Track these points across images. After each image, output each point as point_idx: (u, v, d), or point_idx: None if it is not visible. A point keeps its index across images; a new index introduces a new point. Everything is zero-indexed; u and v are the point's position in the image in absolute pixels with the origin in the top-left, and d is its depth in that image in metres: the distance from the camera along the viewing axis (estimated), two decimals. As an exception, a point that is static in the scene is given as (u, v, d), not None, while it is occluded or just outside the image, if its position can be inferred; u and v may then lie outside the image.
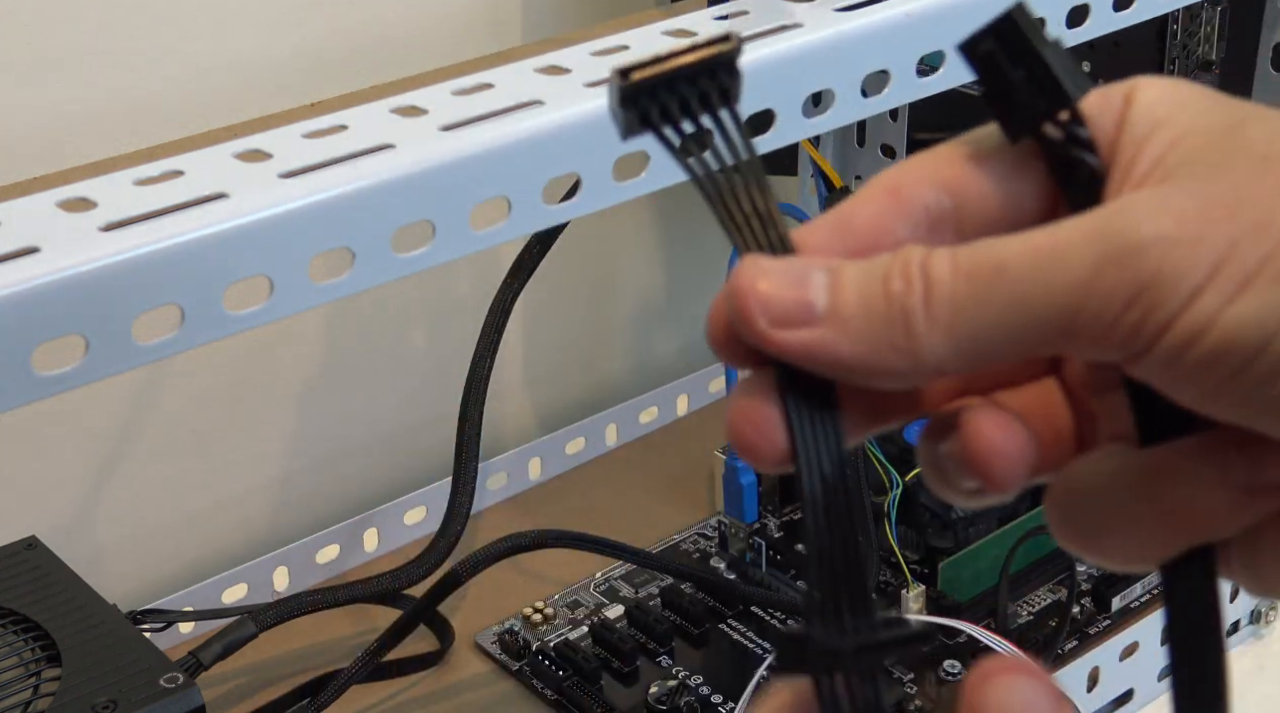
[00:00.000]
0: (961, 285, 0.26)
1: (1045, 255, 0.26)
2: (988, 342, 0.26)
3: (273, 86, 0.75)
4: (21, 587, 0.57)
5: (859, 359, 0.27)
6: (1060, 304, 0.26)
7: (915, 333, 0.26)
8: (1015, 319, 0.26)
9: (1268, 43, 0.71)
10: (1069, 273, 0.26)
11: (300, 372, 0.82)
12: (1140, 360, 0.26)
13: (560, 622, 0.74)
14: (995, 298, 0.26)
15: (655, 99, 0.27)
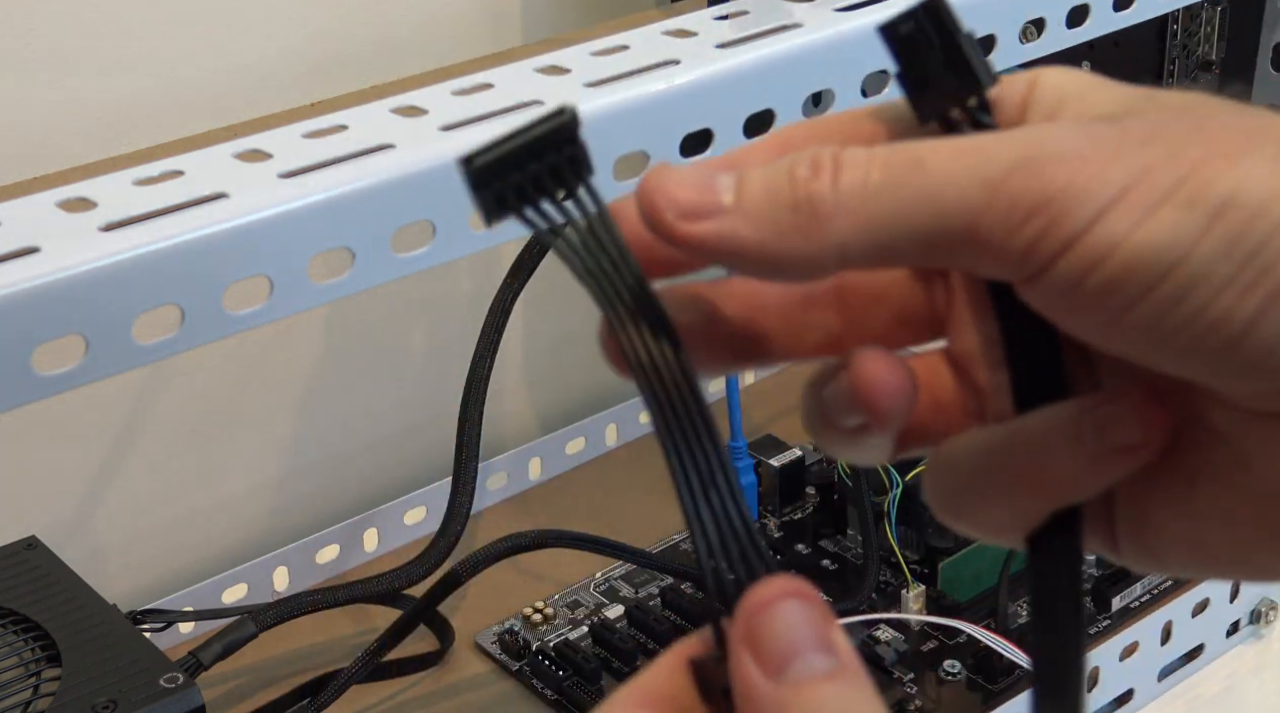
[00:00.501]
0: (876, 171, 0.27)
1: (963, 153, 0.26)
2: (894, 233, 0.26)
3: (273, 86, 0.75)
4: (21, 587, 0.57)
5: (764, 245, 0.27)
6: (969, 203, 0.26)
7: (821, 216, 0.27)
8: (924, 212, 0.26)
9: (1268, 43, 0.71)
10: (981, 171, 0.26)
11: (300, 372, 0.82)
12: (1039, 281, 0.26)
13: (560, 622, 0.74)
14: (908, 188, 0.26)
15: (507, 181, 0.28)
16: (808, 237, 0.27)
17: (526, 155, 0.28)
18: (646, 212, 0.27)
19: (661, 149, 0.46)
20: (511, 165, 0.28)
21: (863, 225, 0.26)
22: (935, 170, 0.26)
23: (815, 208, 0.27)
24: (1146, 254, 0.25)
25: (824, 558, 0.77)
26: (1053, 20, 0.55)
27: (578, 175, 0.28)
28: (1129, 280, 0.25)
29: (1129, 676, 0.70)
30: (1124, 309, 0.25)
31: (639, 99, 0.46)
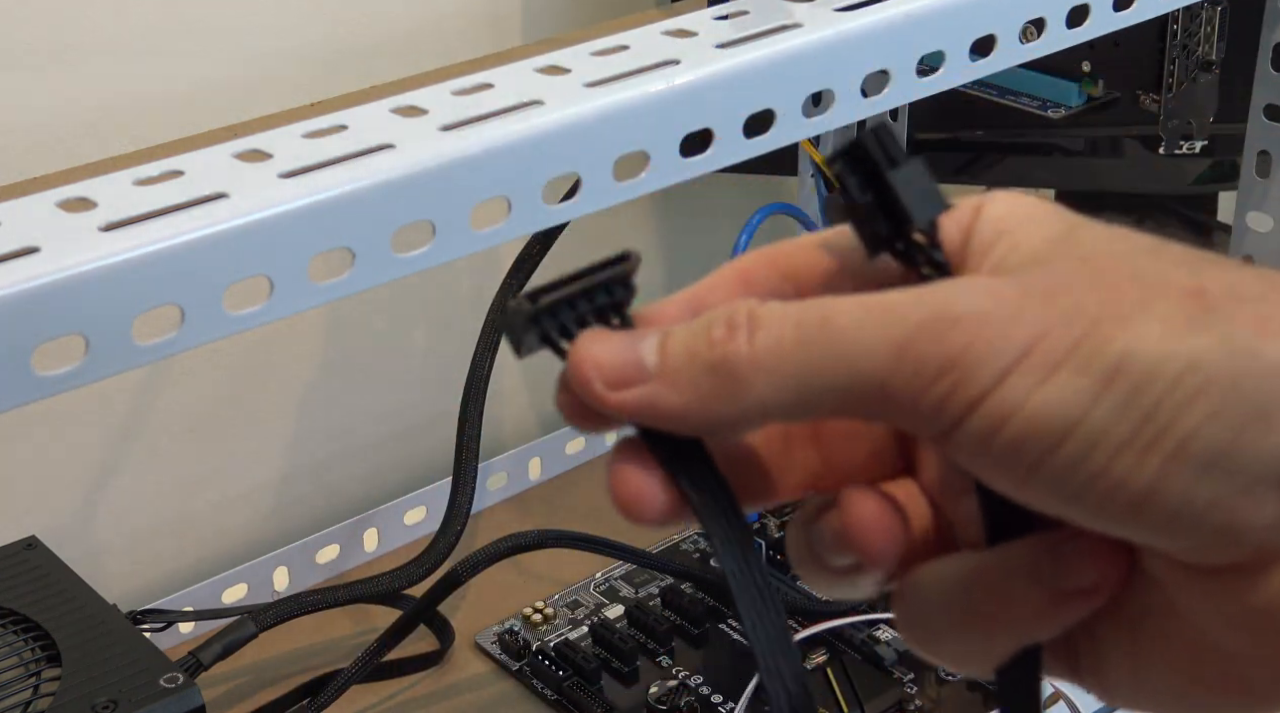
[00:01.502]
0: (789, 330, 0.27)
1: (870, 313, 0.27)
2: (809, 391, 0.27)
3: (273, 86, 0.75)
4: (21, 587, 0.57)
5: (688, 410, 0.28)
6: (877, 364, 0.27)
7: (738, 377, 0.27)
8: (836, 372, 0.27)
9: (1268, 43, 0.71)
10: (887, 333, 0.27)
11: (300, 372, 0.82)
12: (950, 438, 0.27)
13: (560, 622, 0.74)
14: (818, 347, 0.27)
15: (556, 318, 0.29)
16: (728, 399, 0.27)
17: (583, 297, 0.29)
18: (576, 382, 0.28)
19: (661, 149, 0.46)
20: (567, 306, 0.29)
21: (778, 384, 0.27)
22: (844, 331, 0.27)
23: (732, 370, 0.27)
24: (1045, 416, 0.26)
25: (824, 558, 0.77)
26: (1053, 20, 0.55)
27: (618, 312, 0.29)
28: (1031, 441, 0.26)
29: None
30: (1030, 468, 0.26)
31: (639, 99, 0.45)
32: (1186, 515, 0.25)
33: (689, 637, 0.72)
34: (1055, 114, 0.83)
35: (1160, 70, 0.77)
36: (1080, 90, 0.81)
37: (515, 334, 0.29)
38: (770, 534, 0.78)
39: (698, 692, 0.69)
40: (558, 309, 0.29)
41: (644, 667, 0.71)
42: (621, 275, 0.29)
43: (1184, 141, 0.78)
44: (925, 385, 0.26)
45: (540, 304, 0.29)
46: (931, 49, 0.52)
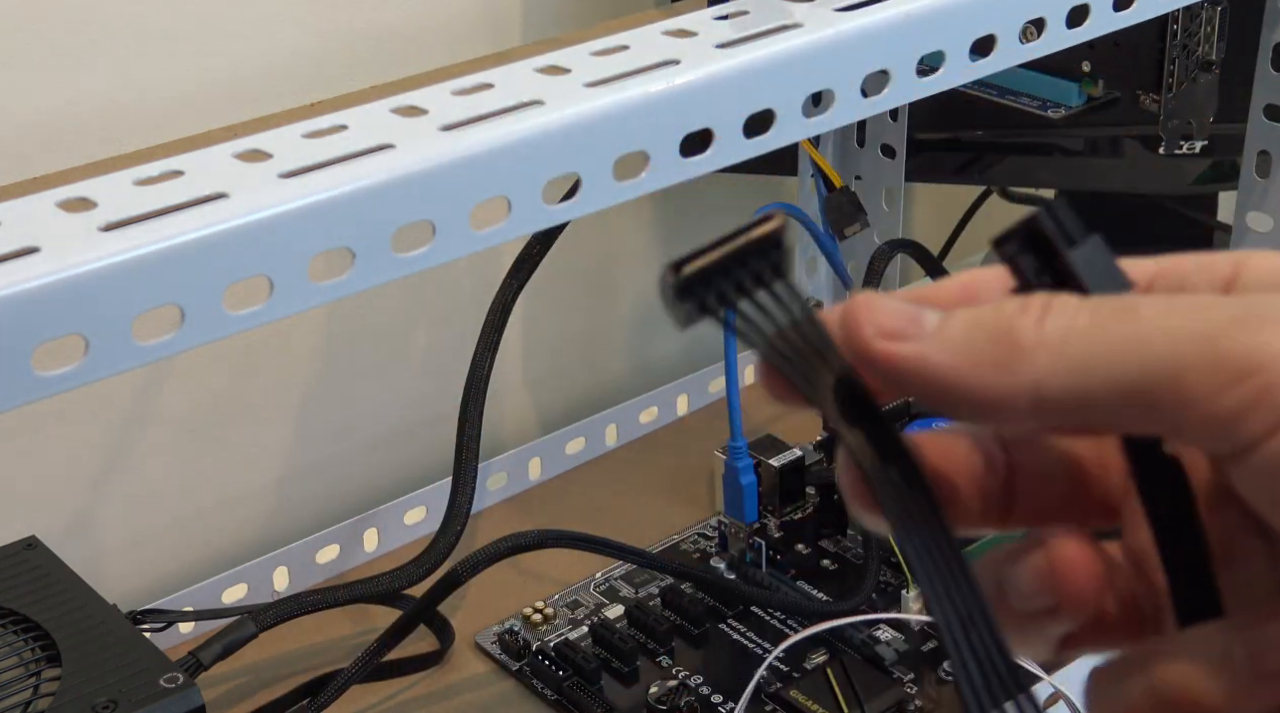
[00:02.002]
0: (1085, 315, 0.25)
1: (1179, 307, 0.25)
2: (1094, 378, 0.25)
3: (273, 86, 0.75)
4: (21, 587, 0.57)
5: (958, 373, 0.26)
6: (1178, 354, 0.24)
7: (1021, 348, 0.25)
8: (1130, 359, 0.25)
9: (1268, 43, 0.71)
10: (1196, 325, 0.24)
11: (300, 372, 0.82)
12: (1249, 457, 0.24)
13: (560, 622, 0.74)
14: (1116, 332, 0.25)
15: (710, 286, 0.27)
16: (1003, 369, 0.25)
17: (734, 262, 0.27)
18: (847, 328, 0.27)
19: (661, 149, 0.46)
20: (719, 273, 0.27)
21: (1062, 365, 0.25)
22: (1147, 318, 0.25)
23: (1015, 340, 0.25)
24: None
25: (824, 558, 0.77)
26: (1053, 20, 0.55)
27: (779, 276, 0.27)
28: None
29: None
30: None
31: (639, 99, 0.45)
32: None
33: (689, 637, 0.72)
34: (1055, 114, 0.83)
35: (1160, 70, 0.77)
36: (1080, 90, 0.81)
37: (670, 307, 0.27)
38: (770, 534, 0.77)
39: (698, 692, 0.69)
40: (710, 277, 0.27)
41: (644, 667, 0.71)
42: (773, 235, 0.27)
43: (1184, 141, 0.78)
44: (1227, 384, 0.24)
45: (685, 273, 0.27)
46: (931, 49, 0.52)
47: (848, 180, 0.87)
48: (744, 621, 0.73)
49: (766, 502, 0.79)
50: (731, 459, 0.77)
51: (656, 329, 0.98)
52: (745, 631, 0.73)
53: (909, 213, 1.02)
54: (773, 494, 0.79)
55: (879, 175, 0.88)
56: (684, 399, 0.92)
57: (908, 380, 0.26)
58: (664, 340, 0.98)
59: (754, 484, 0.77)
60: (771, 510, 0.79)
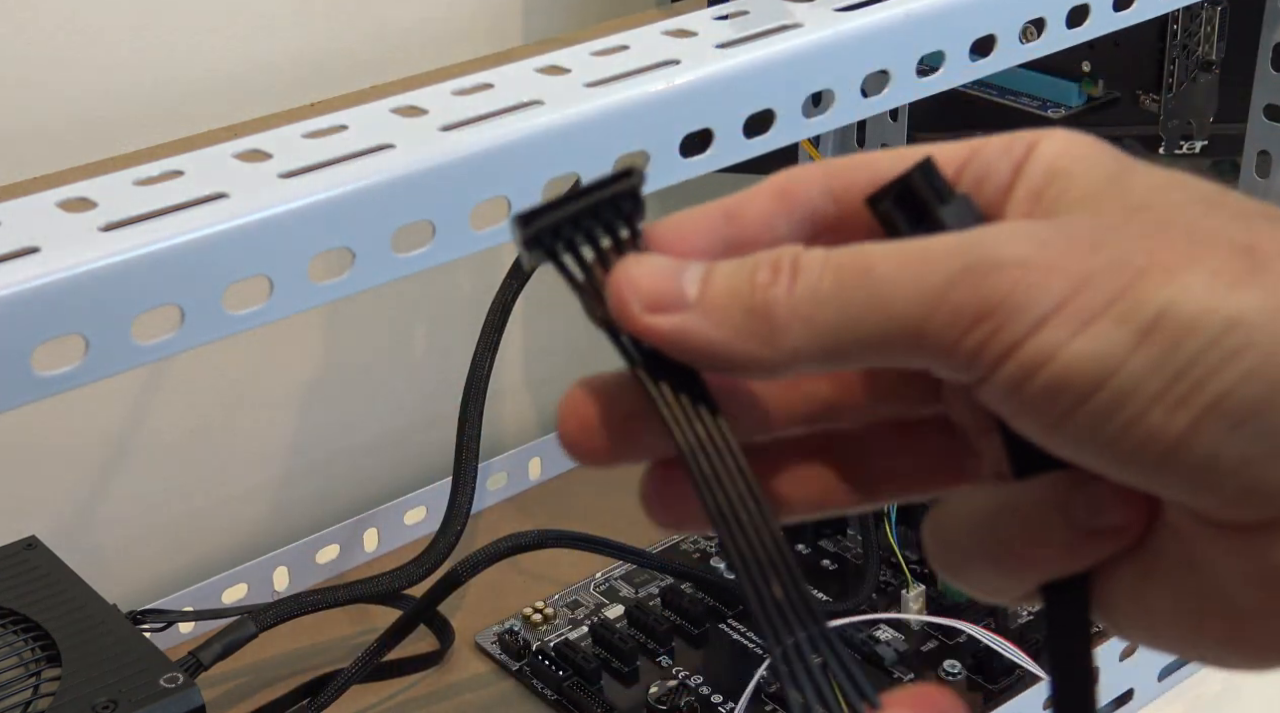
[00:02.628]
0: (828, 280, 0.27)
1: (911, 261, 0.27)
2: (845, 340, 0.27)
3: (273, 86, 0.75)
4: (21, 587, 0.57)
5: (722, 345, 0.28)
6: (915, 312, 0.27)
7: (776, 321, 0.27)
8: (873, 320, 0.27)
9: (1268, 43, 0.71)
10: (927, 281, 0.27)
11: (300, 371, 0.82)
12: (985, 385, 0.27)
13: (560, 622, 0.74)
14: (857, 296, 0.27)
15: (559, 235, 0.29)
16: (763, 341, 0.28)
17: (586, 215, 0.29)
18: (614, 303, 0.28)
19: (661, 149, 0.46)
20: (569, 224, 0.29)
21: (814, 332, 0.27)
22: (883, 278, 0.27)
23: (770, 313, 0.27)
24: (1080, 366, 0.26)
25: (824, 558, 0.77)
26: (1053, 20, 0.55)
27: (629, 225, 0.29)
28: (1063, 390, 0.26)
29: (1129, 676, 0.70)
30: (1061, 417, 0.26)
31: (639, 99, 0.46)
32: (1214, 473, 0.25)
33: (689, 637, 0.72)
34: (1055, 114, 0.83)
35: (1160, 70, 0.77)
36: (1080, 90, 0.81)
37: (521, 249, 0.29)
38: (770, 534, 0.77)
39: (698, 692, 0.69)
40: (560, 228, 0.28)
41: (644, 667, 0.71)
42: (629, 190, 0.28)
43: (1184, 141, 0.78)
44: (961, 333, 0.26)
45: (536, 226, 0.28)
46: (931, 49, 0.52)
47: (848, 180, 0.87)
48: (744, 621, 0.73)
49: (766, 502, 0.79)
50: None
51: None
52: (745, 631, 0.73)
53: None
54: (773, 494, 0.79)
55: (879, 175, 0.88)
56: (684, 399, 0.92)
57: (674, 349, 0.28)
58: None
59: (754, 484, 0.77)
60: (771, 510, 0.79)
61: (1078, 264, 0.26)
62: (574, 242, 0.28)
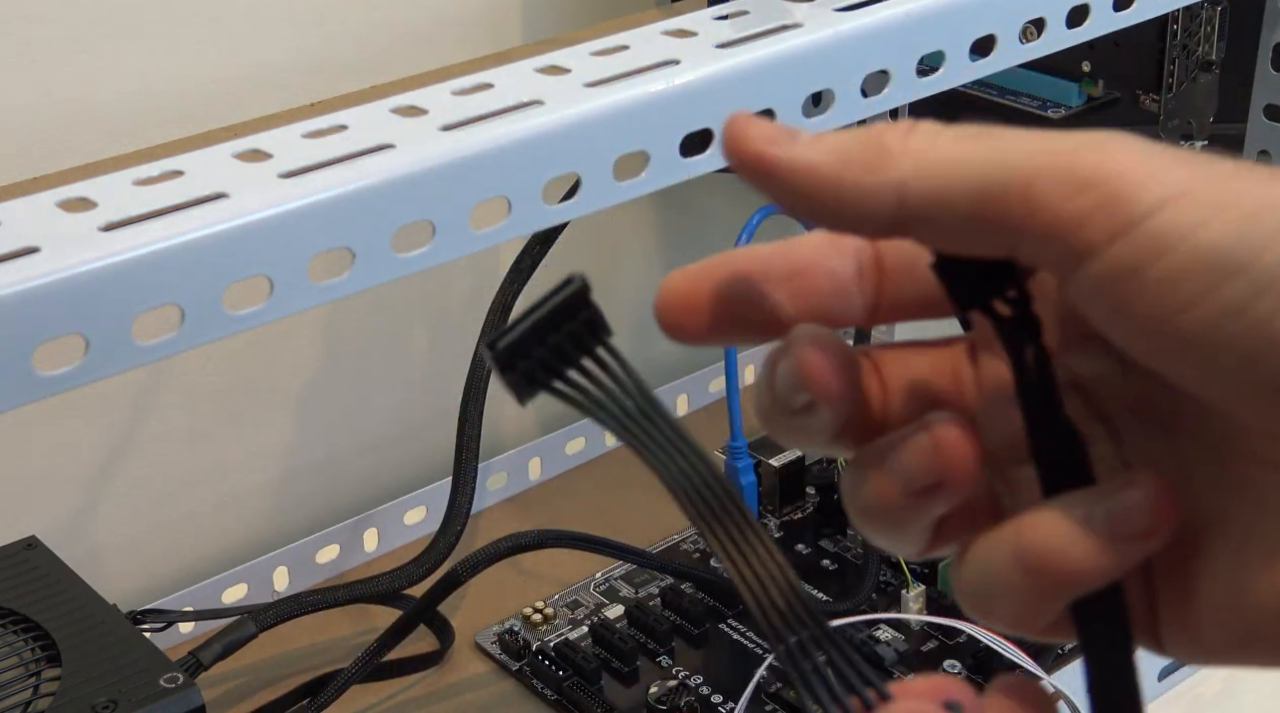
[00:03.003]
0: (949, 132, 0.27)
1: (1033, 133, 0.27)
2: (952, 180, 0.27)
3: (273, 86, 0.75)
4: (21, 587, 0.57)
5: (830, 172, 0.28)
6: (1028, 163, 0.26)
7: (887, 152, 0.27)
8: (985, 165, 0.26)
9: (1268, 43, 0.71)
10: (1047, 142, 0.26)
11: (300, 372, 0.82)
12: (1090, 265, 0.25)
13: (560, 622, 0.74)
14: (973, 144, 0.27)
15: (530, 357, 0.29)
16: (870, 169, 0.27)
17: (545, 329, 0.29)
18: (729, 134, 0.28)
19: (661, 149, 0.46)
20: (533, 342, 0.29)
21: (925, 167, 0.27)
22: (1004, 137, 0.27)
23: (883, 145, 0.27)
24: (1208, 254, 0.24)
25: (824, 558, 0.77)
26: (1053, 20, 0.55)
27: (598, 338, 0.29)
28: (1187, 279, 0.24)
29: (1129, 676, 0.69)
30: (1176, 311, 0.25)
31: (639, 99, 0.45)
32: None
33: (689, 637, 0.72)
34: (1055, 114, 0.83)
35: (1160, 70, 0.77)
36: (1080, 90, 0.81)
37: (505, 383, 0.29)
38: (770, 534, 0.77)
39: (698, 692, 0.69)
40: (525, 346, 0.29)
41: (644, 667, 0.71)
42: (574, 296, 0.29)
43: (1184, 141, 0.78)
44: (1075, 191, 0.25)
45: (499, 347, 0.28)
46: (931, 49, 0.52)
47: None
48: (744, 621, 0.73)
49: (766, 502, 0.79)
50: (731, 459, 0.77)
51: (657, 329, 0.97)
52: (745, 631, 0.73)
53: (909, 213, 1.02)
54: (773, 494, 0.79)
55: (879, 175, 0.88)
56: (684, 399, 0.92)
57: (781, 181, 0.28)
58: (664, 340, 0.98)
59: (754, 484, 0.77)
60: (771, 510, 0.79)
61: (1196, 167, 0.25)
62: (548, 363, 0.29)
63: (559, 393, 0.29)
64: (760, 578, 0.28)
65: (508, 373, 0.29)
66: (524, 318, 0.29)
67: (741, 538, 0.28)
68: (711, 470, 0.29)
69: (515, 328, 0.29)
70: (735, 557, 0.28)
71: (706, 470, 0.29)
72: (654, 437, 0.29)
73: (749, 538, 0.28)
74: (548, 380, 0.29)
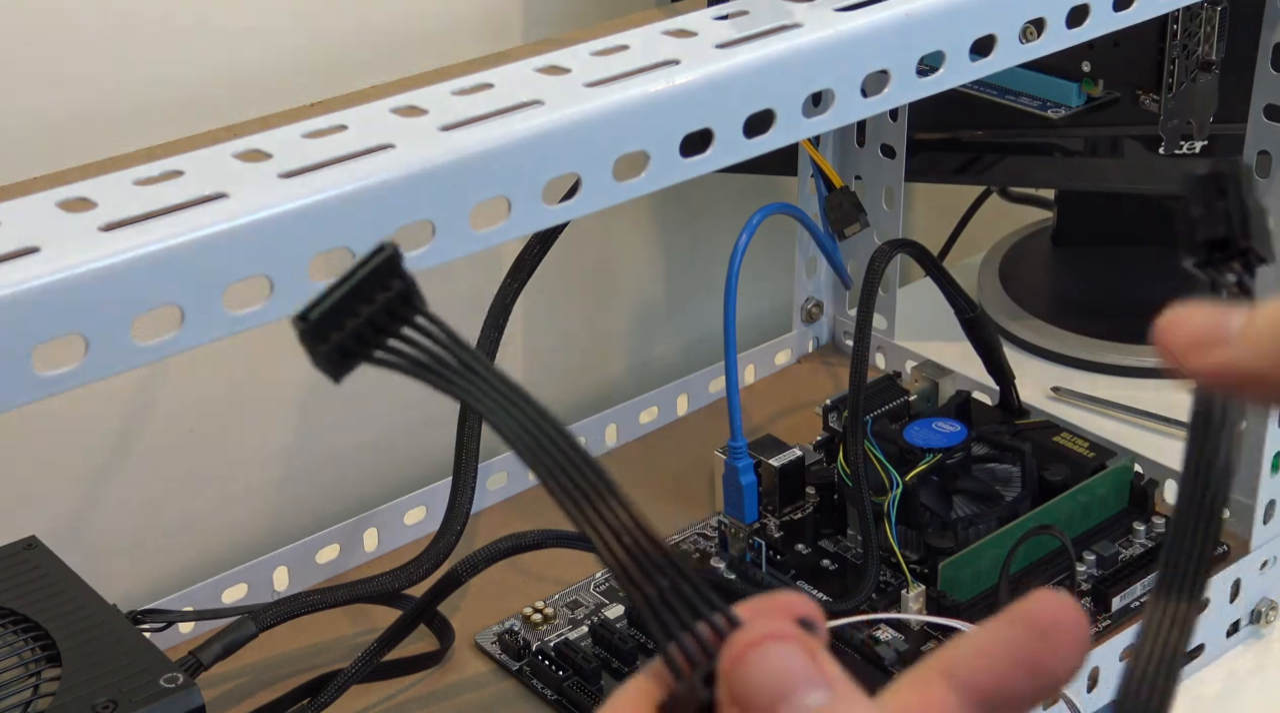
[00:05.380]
0: None
1: None
2: None
3: (273, 86, 0.75)
4: (21, 587, 0.57)
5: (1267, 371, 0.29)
6: None
7: None
8: None
9: (1268, 43, 0.71)
10: None
11: (300, 372, 0.81)
12: None
13: (560, 622, 0.74)
14: None
15: (342, 328, 0.28)
16: None
17: (356, 299, 0.28)
18: (1160, 344, 0.30)
19: (661, 149, 0.46)
20: (344, 312, 0.28)
21: None
22: None
23: None
24: None
25: (824, 558, 0.77)
26: (1053, 20, 0.55)
27: (412, 307, 0.29)
28: None
29: (1129, 676, 0.70)
30: None
31: (639, 99, 0.46)
32: None
33: (689, 637, 0.72)
34: (1055, 114, 0.83)
35: (1160, 70, 0.77)
36: (1080, 90, 0.81)
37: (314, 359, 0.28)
38: (770, 534, 0.77)
39: (698, 692, 0.69)
40: (336, 319, 0.28)
41: (644, 667, 0.70)
42: (386, 264, 0.28)
43: (1184, 141, 0.78)
44: None
45: (310, 318, 0.28)
46: (931, 49, 0.52)
47: (848, 180, 0.87)
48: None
49: (766, 502, 0.79)
50: (731, 459, 0.77)
51: (656, 329, 0.98)
52: (745, 631, 0.73)
53: (909, 213, 1.02)
54: (772, 494, 0.79)
55: (879, 175, 0.88)
56: (684, 399, 0.92)
57: (1222, 383, 0.29)
58: (664, 340, 0.98)
59: (754, 484, 0.77)
60: (771, 510, 0.79)
61: None
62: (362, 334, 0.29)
63: (379, 361, 0.29)
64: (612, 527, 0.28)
65: (319, 345, 0.28)
66: (333, 289, 0.28)
67: (590, 487, 0.28)
68: (552, 423, 0.28)
69: (325, 300, 0.28)
70: (584, 507, 0.28)
71: (548, 424, 0.28)
72: (487, 392, 0.29)
73: (597, 487, 0.28)
74: (364, 351, 0.29)
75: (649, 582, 0.27)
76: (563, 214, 0.46)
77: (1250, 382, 0.29)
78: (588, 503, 0.28)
